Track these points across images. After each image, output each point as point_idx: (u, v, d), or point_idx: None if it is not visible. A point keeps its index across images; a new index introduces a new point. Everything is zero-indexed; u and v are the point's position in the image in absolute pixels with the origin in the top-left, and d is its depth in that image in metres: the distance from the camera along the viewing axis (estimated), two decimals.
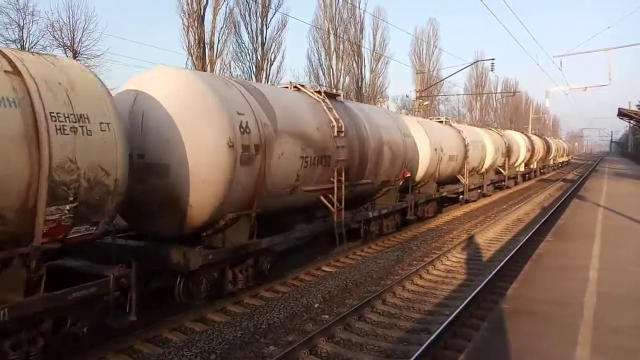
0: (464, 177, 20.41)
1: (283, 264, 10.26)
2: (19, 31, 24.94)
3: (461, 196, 20.89)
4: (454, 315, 7.53)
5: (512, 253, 11.74)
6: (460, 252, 12.77)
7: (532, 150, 34.65)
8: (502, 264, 10.73)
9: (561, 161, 58.97)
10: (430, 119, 21.35)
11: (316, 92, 10.83)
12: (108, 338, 6.39)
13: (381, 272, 10.73)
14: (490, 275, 9.83)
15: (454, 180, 20.20)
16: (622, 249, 10.17)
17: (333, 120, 10.28)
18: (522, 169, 33.17)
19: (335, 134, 10.23)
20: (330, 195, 10.32)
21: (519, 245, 12.59)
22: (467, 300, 8.20)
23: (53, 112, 5.01)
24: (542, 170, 43.34)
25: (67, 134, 5.08)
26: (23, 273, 5.03)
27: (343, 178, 10.41)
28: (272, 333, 7.24)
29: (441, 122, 20.70)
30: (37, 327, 5.24)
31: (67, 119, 5.10)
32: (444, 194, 18.82)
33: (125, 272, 5.90)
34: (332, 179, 10.23)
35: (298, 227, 10.21)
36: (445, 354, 6.61)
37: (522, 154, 31.55)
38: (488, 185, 24.25)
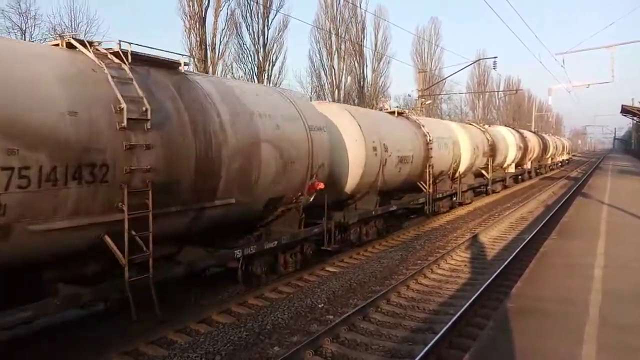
0: (426, 184, 16.16)
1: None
2: (22, 35, 25.05)
3: (426, 207, 16.48)
4: (458, 314, 7.50)
5: (516, 251, 11.71)
6: (465, 251, 12.75)
7: (524, 148, 30.76)
8: (506, 262, 10.71)
9: (561, 160, 54.71)
10: (380, 110, 17.24)
11: (108, 50, 6.50)
12: (113, 340, 6.40)
13: (385, 272, 10.72)
14: (495, 274, 9.80)
15: (414, 188, 16.11)
16: (627, 246, 10.13)
17: (121, 100, 5.98)
18: (512, 170, 29.19)
19: (125, 124, 5.97)
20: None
21: (523, 244, 12.56)
22: (471, 300, 8.17)
23: None
24: (538, 171, 39.40)
25: None
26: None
27: (150, 200, 6.22)
28: (276, 334, 7.24)
29: (392, 112, 16.26)
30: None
31: None
32: (392, 209, 14.30)
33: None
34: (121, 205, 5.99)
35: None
36: (451, 353, 6.59)
37: (511, 152, 27.70)
38: (465, 191, 20.30)
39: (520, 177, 32.48)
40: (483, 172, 23.12)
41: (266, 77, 33.04)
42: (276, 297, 8.90)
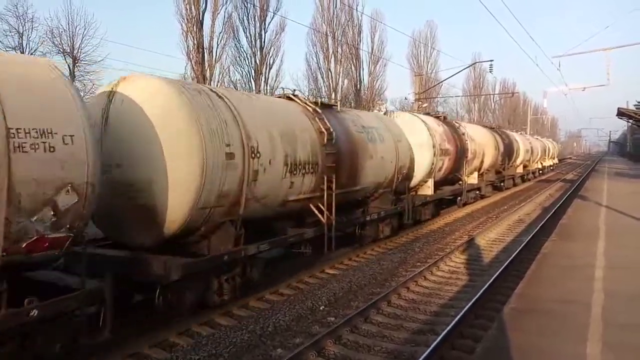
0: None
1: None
2: (19, 38, 25.03)
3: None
4: (460, 315, 7.52)
5: (515, 253, 11.75)
6: (463, 253, 12.76)
7: (456, 152, 18.38)
8: (506, 264, 10.73)
9: (541, 167, 44.79)
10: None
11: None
12: (115, 343, 6.36)
13: (385, 274, 10.72)
14: (495, 275, 9.82)
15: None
16: (627, 247, 10.17)
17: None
18: (428, 191, 16.66)
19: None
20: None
21: (521, 246, 12.59)
22: (472, 301, 8.18)
23: None
24: (501, 184, 27.72)
25: None
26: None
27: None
28: (278, 336, 7.22)
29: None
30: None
31: None
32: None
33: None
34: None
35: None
36: (454, 354, 6.59)
37: (425, 160, 16.10)
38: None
39: (443, 204, 19.61)
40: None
41: (263, 80, 33.11)
42: (277, 299, 8.88)
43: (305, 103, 10.66)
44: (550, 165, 52.24)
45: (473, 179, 21.90)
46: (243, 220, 8.05)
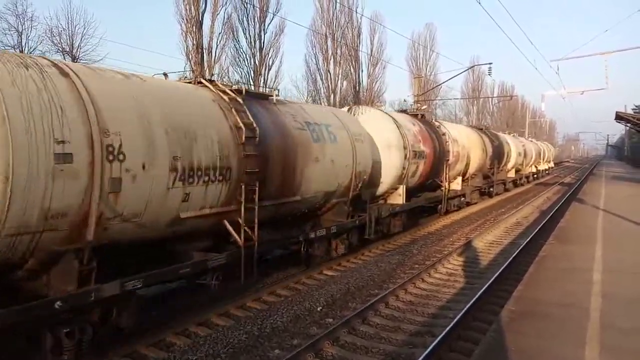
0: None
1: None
2: (18, 37, 24.99)
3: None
4: (458, 318, 7.51)
5: (512, 256, 11.75)
6: (461, 255, 12.76)
7: (434, 155, 16.26)
8: (503, 267, 10.73)
9: (536, 171, 41.87)
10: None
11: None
12: (113, 342, 6.34)
13: (383, 276, 10.71)
14: (493, 278, 9.82)
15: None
16: (625, 251, 10.18)
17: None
18: (399, 200, 14.43)
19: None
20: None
21: (519, 249, 12.60)
22: (469, 304, 8.18)
23: None
24: (486, 191, 24.98)
25: None
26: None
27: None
28: (276, 337, 7.21)
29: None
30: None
31: None
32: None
33: None
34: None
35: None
36: (451, 356, 6.58)
37: (395, 164, 13.92)
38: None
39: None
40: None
41: (262, 81, 33.09)
42: (275, 300, 8.87)
43: (223, 90, 8.23)
44: (546, 170, 49.22)
45: (456, 185, 19.65)
46: (101, 247, 5.80)
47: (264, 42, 33.69)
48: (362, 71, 43.45)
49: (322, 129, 10.24)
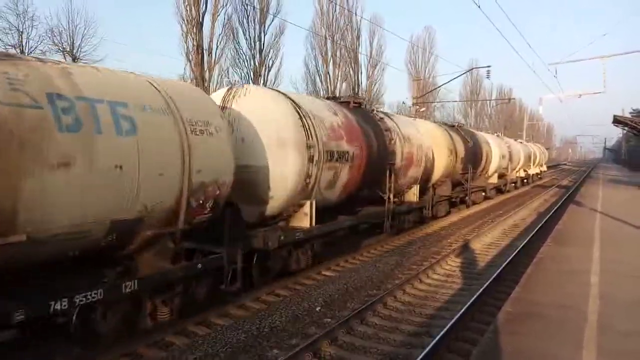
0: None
1: None
2: (19, 36, 25.00)
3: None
4: (455, 318, 7.53)
5: (510, 258, 11.79)
6: (459, 256, 12.79)
7: (367, 157, 11.60)
8: (501, 268, 10.77)
9: (524, 175, 37.38)
10: None
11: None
12: (112, 343, 6.35)
13: (381, 276, 10.73)
14: (490, 279, 9.85)
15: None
16: (622, 253, 10.24)
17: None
18: (304, 222, 9.97)
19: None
20: None
21: (516, 250, 12.64)
22: (467, 305, 8.20)
23: None
24: (464, 199, 21.59)
25: None
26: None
27: None
28: (275, 336, 7.23)
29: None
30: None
31: None
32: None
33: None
34: None
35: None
36: (449, 357, 6.61)
37: (290, 170, 9.27)
38: None
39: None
40: None
41: (262, 82, 33.13)
42: (273, 300, 8.88)
43: None
44: (538, 174, 45.17)
45: (412, 195, 15.27)
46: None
47: (263, 44, 33.78)
48: (361, 73, 43.61)
49: (97, 109, 5.65)
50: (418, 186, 15.47)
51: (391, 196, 13.14)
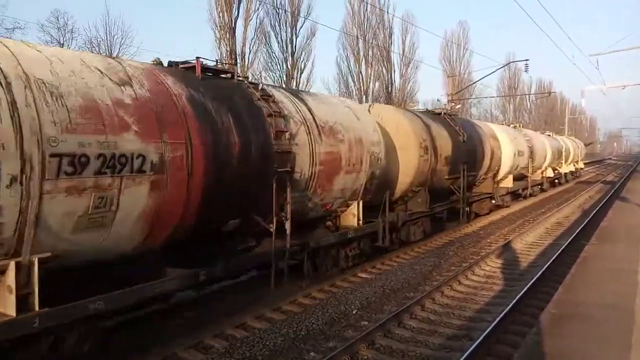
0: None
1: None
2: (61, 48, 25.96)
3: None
4: (496, 321, 7.36)
5: (554, 257, 11.43)
6: (499, 257, 12.49)
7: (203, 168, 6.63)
8: (544, 268, 10.45)
9: (552, 175, 31.65)
10: None
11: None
12: (151, 345, 6.50)
13: (419, 278, 10.59)
14: (533, 280, 9.58)
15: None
16: None
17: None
18: None
19: None
20: None
21: (560, 249, 12.25)
22: (509, 307, 8.01)
23: None
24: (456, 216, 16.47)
25: None
26: None
27: None
28: (312, 339, 7.23)
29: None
30: None
31: None
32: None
33: None
34: None
35: None
36: None
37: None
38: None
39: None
40: None
41: (294, 84, 33.32)
42: (310, 303, 8.89)
43: None
44: (573, 172, 38.75)
45: (350, 218, 10.67)
46: None
47: (295, 46, 33.99)
48: (394, 72, 43.26)
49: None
50: (359, 203, 10.67)
51: (287, 226, 8.31)
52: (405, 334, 7.47)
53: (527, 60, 34.53)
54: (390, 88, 42.28)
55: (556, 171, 32.63)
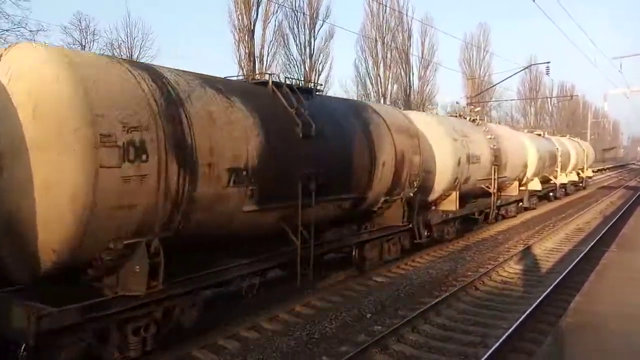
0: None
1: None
2: (82, 50, 26.41)
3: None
4: (512, 328, 7.25)
5: (573, 264, 11.23)
6: (517, 262, 12.32)
7: None
8: (563, 275, 10.28)
9: (540, 189, 23.02)
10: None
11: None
12: (166, 346, 6.55)
13: (434, 283, 10.50)
14: (550, 287, 9.43)
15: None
16: None
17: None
18: None
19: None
20: None
21: (580, 256, 12.04)
22: (526, 314, 7.89)
23: None
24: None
25: None
26: None
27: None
28: (324, 343, 7.21)
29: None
30: None
31: None
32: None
33: None
34: None
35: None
36: None
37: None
38: None
39: None
40: None
41: (312, 86, 33.39)
42: (323, 305, 8.87)
43: None
44: (575, 182, 31.15)
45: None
46: None
47: (313, 49, 34.08)
48: (412, 74, 43.07)
49: None
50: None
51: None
52: (420, 339, 7.40)
53: (548, 62, 34.13)
54: (408, 91, 42.11)
55: (550, 181, 25.67)
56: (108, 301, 5.65)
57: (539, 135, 25.30)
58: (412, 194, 11.66)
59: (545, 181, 24.35)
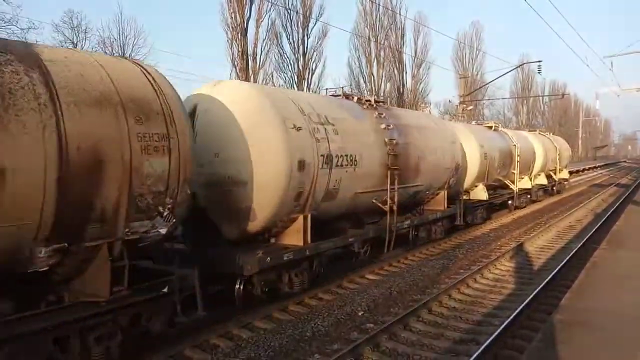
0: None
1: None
2: (73, 47, 26.25)
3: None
4: (503, 325, 7.30)
5: (564, 262, 11.31)
6: (509, 260, 12.39)
7: None
8: (554, 272, 10.35)
9: (485, 199, 17.18)
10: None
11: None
12: (158, 344, 6.54)
13: (426, 281, 10.55)
14: (542, 284, 9.49)
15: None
16: None
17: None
18: None
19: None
20: None
21: (571, 254, 12.12)
22: (517, 311, 7.93)
23: None
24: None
25: None
26: None
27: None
28: (316, 341, 7.23)
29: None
30: None
31: None
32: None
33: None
34: None
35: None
36: None
37: None
38: None
39: None
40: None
41: (306, 85, 33.39)
42: (316, 304, 8.89)
43: None
44: (544, 186, 25.15)
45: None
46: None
47: (307, 47, 34.02)
48: (405, 73, 43.13)
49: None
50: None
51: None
52: (412, 337, 7.44)
53: (540, 61, 34.28)
54: (402, 89, 42.16)
55: (508, 187, 20.26)
56: None
57: (494, 128, 20.05)
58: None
59: (499, 187, 19.96)
